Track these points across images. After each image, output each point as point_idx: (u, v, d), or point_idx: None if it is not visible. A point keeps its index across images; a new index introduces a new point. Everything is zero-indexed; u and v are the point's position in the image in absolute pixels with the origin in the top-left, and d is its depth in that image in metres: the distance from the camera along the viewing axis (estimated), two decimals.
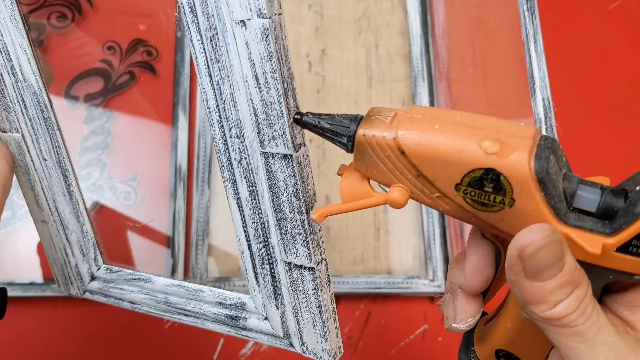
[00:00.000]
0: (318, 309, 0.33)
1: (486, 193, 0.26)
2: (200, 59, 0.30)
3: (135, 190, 0.60)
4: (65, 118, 0.61)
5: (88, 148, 0.60)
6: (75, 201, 0.41)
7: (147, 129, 0.62)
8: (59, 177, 0.40)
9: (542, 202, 0.25)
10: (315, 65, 0.66)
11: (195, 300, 0.39)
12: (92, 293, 0.44)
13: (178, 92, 0.63)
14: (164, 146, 0.62)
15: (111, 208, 0.59)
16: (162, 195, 0.60)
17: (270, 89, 0.28)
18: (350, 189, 0.29)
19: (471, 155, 0.25)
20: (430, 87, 0.66)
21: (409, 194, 0.27)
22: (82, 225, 0.42)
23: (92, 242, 0.43)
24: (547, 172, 0.25)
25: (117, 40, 0.64)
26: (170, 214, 0.60)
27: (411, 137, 0.26)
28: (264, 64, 0.28)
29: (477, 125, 0.26)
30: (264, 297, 0.35)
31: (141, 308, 0.42)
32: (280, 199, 0.31)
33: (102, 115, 0.61)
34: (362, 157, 0.28)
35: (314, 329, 0.34)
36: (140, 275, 0.41)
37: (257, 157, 0.31)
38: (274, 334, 0.36)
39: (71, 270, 0.43)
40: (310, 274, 0.32)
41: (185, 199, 0.60)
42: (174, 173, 0.61)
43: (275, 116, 0.29)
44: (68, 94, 0.61)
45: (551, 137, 0.26)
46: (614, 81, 0.73)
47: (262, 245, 0.34)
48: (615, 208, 0.25)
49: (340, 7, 0.69)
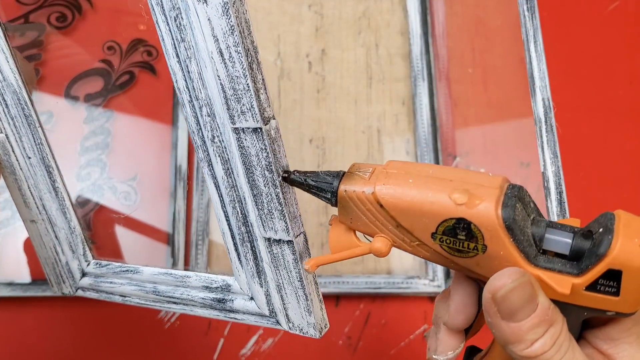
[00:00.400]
0: (300, 283, 0.33)
1: (460, 240, 0.28)
2: (167, 40, 0.31)
3: (135, 190, 0.60)
4: (65, 118, 0.61)
5: (88, 148, 0.60)
6: (61, 197, 0.41)
7: (147, 129, 0.62)
8: (43, 174, 0.40)
9: (512, 247, 0.27)
10: (315, 65, 0.66)
11: (183, 286, 0.39)
12: (84, 290, 0.44)
13: None
14: (164, 146, 0.62)
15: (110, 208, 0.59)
16: (162, 195, 0.60)
17: (235, 63, 0.28)
18: (338, 239, 0.32)
19: (443, 207, 0.27)
20: (430, 87, 0.66)
21: (391, 243, 0.30)
22: (70, 221, 0.42)
23: (80, 237, 0.42)
24: (513, 219, 0.27)
25: (117, 40, 0.64)
26: (170, 213, 0.60)
27: (388, 192, 0.29)
28: (227, 39, 0.28)
29: (448, 178, 0.28)
30: (248, 276, 0.36)
31: (132, 300, 0.42)
32: (254, 174, 0.31)
33: (102, 115, 0.61)
34: (346, 210, 0.30)
35: (298, 304, 0.34)
36: (129, 267, 0.41)
37: (228, 134, 0.31)
38: (260, 313, 0.36)
39: (62, 268, 0.43)
40: (290, 247, 0.32)
41: (185, 199, 0.60)
42: (174, 173, 0.61)
43: (242, 90, 0.29)
44: (68, 94, 0.61)
45: (518, 185, 0.28)
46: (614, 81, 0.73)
47: (242, 223, 0.34)
48: (582, 250, 0.27)
49: (340, 7, 0.69)
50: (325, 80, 0.66)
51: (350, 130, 0.65)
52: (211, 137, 0.32)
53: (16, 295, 0.55)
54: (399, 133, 0.65)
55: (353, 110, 0.66)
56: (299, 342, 0.58)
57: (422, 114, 0.65)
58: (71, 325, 0.56)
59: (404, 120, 0.66)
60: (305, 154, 0.63)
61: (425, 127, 0.65)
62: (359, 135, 0.65)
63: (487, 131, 0.66)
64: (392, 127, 0.66)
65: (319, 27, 0.68)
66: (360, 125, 0.65)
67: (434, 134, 0.65)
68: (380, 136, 0.65)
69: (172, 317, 0.57)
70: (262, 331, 0.58)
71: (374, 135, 0.65)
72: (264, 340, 0.58)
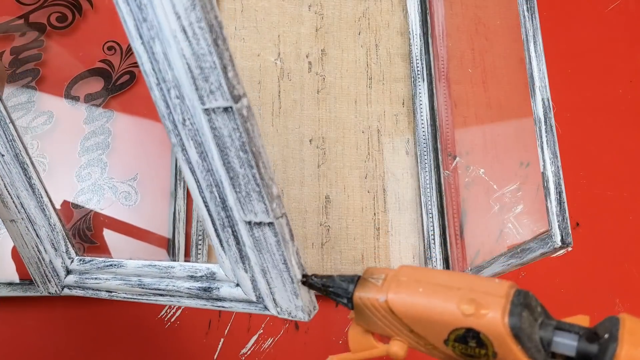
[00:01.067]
0: (284, 265, 0.33)
1: (471, 347, 0.29)
2: (129, 21, 0.30)
3: (135, 190, 0.60)
4: (65, 118, 0.61)
5: (88, 148, 0.60)
6: (39, 194, 0.41)
7: (147, 129, 0.62)
8: (18, 171, 0.40)
9: (520, 354, 0.28)
10: (315, 65, 0.66)
11: (168, 277, 0.38)
12: (70, 288, 0.43)
13: None
14: (164, 146, 0.62)
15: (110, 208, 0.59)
16: (163, 195, 0.60)
17: (199, 40, 0.27)
18: (357, 340, 0.33)
19: (452, 317, 0.29)
20: (430, 87, 0.66)
21: (407, 345, 0.31)
22: (49, 218, 0.41)
23: (62, 234, 0.42)
24: (520, 327, 0.28)
25: (118, 40, 0.64)
26: (171, 213, 0.60)
27: (399, 301, 0.30)
28: (189, 15, 0.27)
29: (456, 286, 0.30)
30: (232, 262, 0.35)
31: (118, 295, 0.41)
32: (229, 155, 0.30)
33: (103, 116, 0.61)
34: (362, 315, 0.32)
35: (284, 287, 0.34)
36: (112, 261, 0.41)
37: (199, 115, 0.30)
38: (247, 299, 0.36)
39: (46, 267, 0.42)
40: (271, 229, 0.32)
41: (185, 198, 0.60)
42: (174, 173, 0.61)
43: (209, 68, 0.28)
44: (68, 94, 0.61)
45: (524, 291, 0.30)
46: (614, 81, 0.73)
47: (221, 208, 0.33)
48: (589, 354, 0.28)
49: (340, 7, 0.69)
50: (325, 80, 0.66)
51: (350, 130, 0.65)
52: (182, 120, 0.31)
53: (16, 295, 0.55)
54: (399, 133, 0.65)
55: (353, 110, 0.66)
56: (299, 341, 0.59)
57: (422, 114, 0.65)
58: (71, 325, 0.56)
59: (403, 120, 0.66)
60: (305, 154, 0.63)
61: (425, 127, 0.65)
62: (359, 135, 0.65)
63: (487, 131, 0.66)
64: (392, 127, 0.66)
65: (319, 28, 0.68)
66: (360, 125, 0.65)
67: (434, 134, 0.65)
68: (380, 136, 0.65)
69: (172, 317, 0.57)
70: (262, 331, 0.58)
71: (374, 135, 0.65)
72: (264, 340, 0.58)
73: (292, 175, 0.62)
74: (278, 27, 0.67)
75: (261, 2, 0.68)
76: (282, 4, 0.68)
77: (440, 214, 0.62)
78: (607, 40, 0.75)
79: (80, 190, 0.59)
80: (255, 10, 0.67)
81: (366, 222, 0.63)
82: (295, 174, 0.62)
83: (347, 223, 0.62)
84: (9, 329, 0.55)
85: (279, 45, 0.66)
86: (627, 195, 0.68)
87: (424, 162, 0.64)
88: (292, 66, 0.66)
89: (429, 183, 0.63)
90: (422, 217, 0.62)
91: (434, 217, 0.62)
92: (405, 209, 0.64)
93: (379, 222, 0.63)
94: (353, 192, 0.63)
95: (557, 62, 0.72)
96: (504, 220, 0.56)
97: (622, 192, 0.68)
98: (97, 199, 0.59)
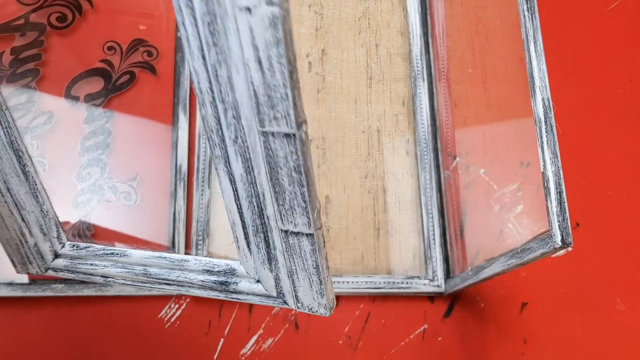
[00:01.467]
0: (315, 270, 0.33)
1: None
2: (193, 42, 0.30)
3: (135, 190, 0.60)
4: (65, 118, 0.61)
5: (89, 148, 0.60)
6: (32, 181, 0.41)
7: (147, 129, 0.62)
8: (10, 158, 0.40)
9: None
10: (315, 65, 0.66)
11: (180, 269, 0.38)
12: (56, 270, 0.43)
13: (178, 92, 0.63)
14: (164, 146, 0.62)
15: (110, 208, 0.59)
16: (163, 195, 0.60)
17: (275, 73, 0.28)
18: None
19: None
20: (430, 87, 0.66)
21: None
22: (42, 204, 0.41)
23: (54, 220, 0.42)
24: None
25: (118, 40, 0.64)
26: (171, 213, 0.60)
27: None
28: (269, 49, 0.27)
29: None
30: (257, 263, 0.35)
31: (116, 281, 0.41)
32: (279, 173, 0.31)
33: (103, 116, 0.61)
34: None
35: (310, 288, 0.34)
36: (114, 250, 0.41)
37: (255, 136, 0.30)
38: (267, 294, 0.36)
39: (29, 250, 0.43)
40: (309, 239, 0.32)
41: (185, 198, 0.60)
42: (174, 173, 0.61)
43: (279, 98, 0.28)
44: (68, 94, 0.61)
45: None
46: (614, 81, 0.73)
47: (257, 216, 0.33)
48: None
49: (340, 7, 0.69)
50: (326, 80, 0.66)
51: (350, 130, 0.65)
52: (234, 137, 0.31)
53: (16, 295, 0.55)
54: (399, 133, 0.65)
55: (353, 110, 0.66)
56: (299, 341, 0.59)
57: (422, 114, 0.65)
58: (71, 325, 0.56)
59: (404, 120, 0.66)
60: None
61: (425, 127, 0.65)
62: (359, 135, 0.65)
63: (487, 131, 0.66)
64: (392, 127, 0.66)
65: (319, 27, 0.68)
66: (360, 125, 0.65)
67: (434, 134, 0.65)
68: (380, 136, 0.65)
69: (172, 317, 0.57)
70: (262, 331, 0.58)
71: (374, 135, 0.65)
72: (264, 340, 0.58)
73: None
74: None
75: None
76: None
77: (440, 214, 0.62)
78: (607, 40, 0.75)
79: (80, 190, 0.59)
80: None
81: (366, 222, 0.63)
82: None
83: (347, 223, 0.62)
84: (9, 329, 0.55)
85: None
86: (627, 195, 0.68)
87: (424, 162, 0.64)
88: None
89: (429, 183, 0.63)
90: (422, 217, 0.62)
91: (434, 217, 0.62)
92: (405, 209, 0.64)
93: (379, 222, 0.63)
94: (353, 192, 0.63)
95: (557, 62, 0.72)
96: (504, 220, 0.56)
97: (622, 192, 0.68)
98: (97, 199, 0.59)
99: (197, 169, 0.61)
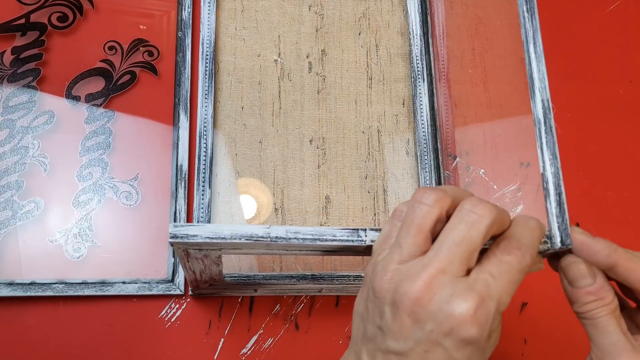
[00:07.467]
0: None
1: None
2: None
3: (136, 190, 0.60)
4: (66, 118, 0.61)
5: (89, 148, 0.60)
6: None
7: (148, 129, 0.62)
8: None
9: None
10: (315, 65, 0.66)
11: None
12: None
13: (179, 93, 0.63)
14: (165, 146, 0.62)
15: (111, 207, 0.59)
16: (163, 195, 0.60)
17: None
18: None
19: None
20: (430, 87, 0.66)
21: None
22: None
23: None
24: None
25: (118, 40, 0.64)
26: (171, 213, 0.60)
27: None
28: None
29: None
30: None
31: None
32: None
33: (103, 115, 0.61)
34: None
35: None
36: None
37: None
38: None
39: None
40: None
41: (186, 198, 0.60)
42: (175, 173, 0.61)
43: None
44: (69, 94, 0.62)
45: None
46: (614, 81, 0.73)
47: None
48: None
49: (340, 7, 0.69)
50: (326, 80, 0.66)
51: (351, 131, 0.65)
52: None
53: (16, 295, 0.55)
54: (399, 133, 0.66)
55: (353, 111, 0.66)
56: (299, 341, 0.59)
57: (422, 114, 0.65)
58: (71, 324, 0.56)
59: (404, 120, 0.66)
60: (306, 154, 0.63)
61: (425, 127, 0.65)
62: (359, 136, 0.65)
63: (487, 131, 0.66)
64: (392, 127, 0.66)
65: (319, 28, 0.68)
66: (361, 126, 0.65)
67: (434, 134, 0.65)
68: (381, 136, 0.65)
69: (172, 317, 0.58)
70: (262, 331, 0.58)
71: (374, 135, 0.65)
72: (264, 340, 0.58)
73: (292, 176, 0.62)
74: (278, 27, 0.67)
75: (261, 2, 0.68)
76: (282, 4, 0.68)
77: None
78: (607, 40, 0.75)
79: (81, 190, 0.59)
80: (255, 10, 0.67)
81: (366, 222, 0.63)
82: (295, 174, 0.62)
83: (347, 223, 0.62)
84: (9, 329, 0.56)
85: (279, 46, 0.67)
86: (627, 195, 0.68)
87: (424, 162, 0.64)
88: (293, 66, 0.66)
89: (429, 183, 0.63)
90: None
91: None
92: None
93: (380, 222, 0.63)
94: (353, 192, 0.63)
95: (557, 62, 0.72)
96: None
97: (622, 192, 0.68)
98: (98, 198, 0.59)
99: (197, 169, 0.61)
